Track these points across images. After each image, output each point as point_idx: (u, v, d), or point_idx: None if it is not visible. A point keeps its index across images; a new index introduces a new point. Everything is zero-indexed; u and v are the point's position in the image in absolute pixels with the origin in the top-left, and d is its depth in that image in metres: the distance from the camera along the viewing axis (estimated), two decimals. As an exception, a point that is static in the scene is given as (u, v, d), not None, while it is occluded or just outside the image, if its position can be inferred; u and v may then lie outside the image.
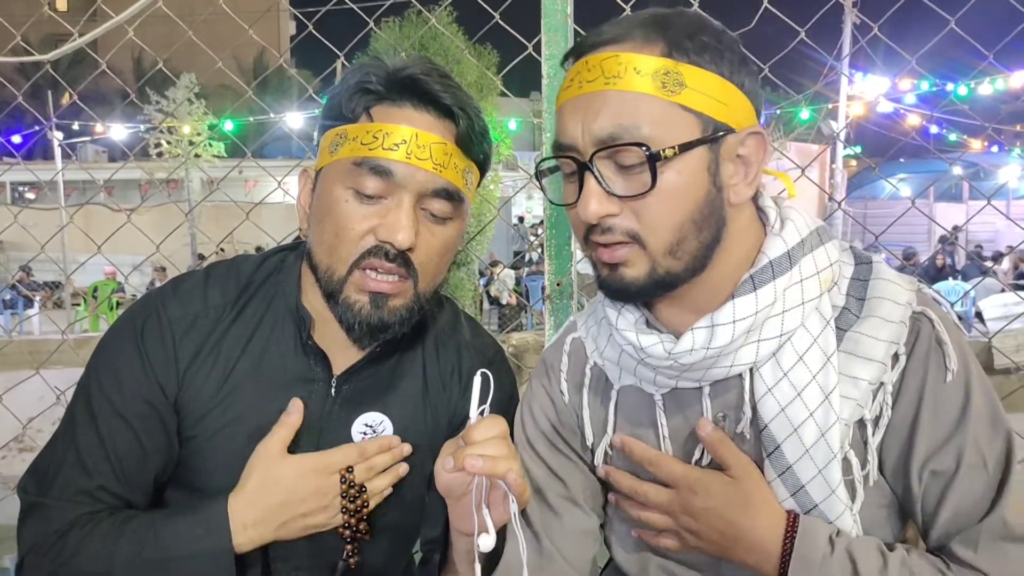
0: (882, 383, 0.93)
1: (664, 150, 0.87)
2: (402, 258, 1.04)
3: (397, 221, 1.02)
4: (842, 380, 0.93)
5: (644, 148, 0.87)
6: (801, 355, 0.94)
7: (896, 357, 0.93)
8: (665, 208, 0.90)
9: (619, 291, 0.96)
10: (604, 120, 0.89)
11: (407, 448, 1.13)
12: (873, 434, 0.94)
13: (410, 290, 1.07)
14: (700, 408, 1.00)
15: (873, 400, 0.94)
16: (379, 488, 1.11)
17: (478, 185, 1.15)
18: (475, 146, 1.08)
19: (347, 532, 1.08)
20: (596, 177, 0.90)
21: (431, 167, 1.03)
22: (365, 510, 1.09)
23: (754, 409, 0.96)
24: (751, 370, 0.96)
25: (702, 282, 0.95)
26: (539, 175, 1.05)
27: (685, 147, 0.88)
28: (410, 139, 1.02)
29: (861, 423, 0.94)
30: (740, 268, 0.95)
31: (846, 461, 0.93)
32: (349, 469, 1.07)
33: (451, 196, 1.06)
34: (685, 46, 0.89)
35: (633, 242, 0.91)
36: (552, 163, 0.99)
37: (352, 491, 1.07)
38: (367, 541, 1.11)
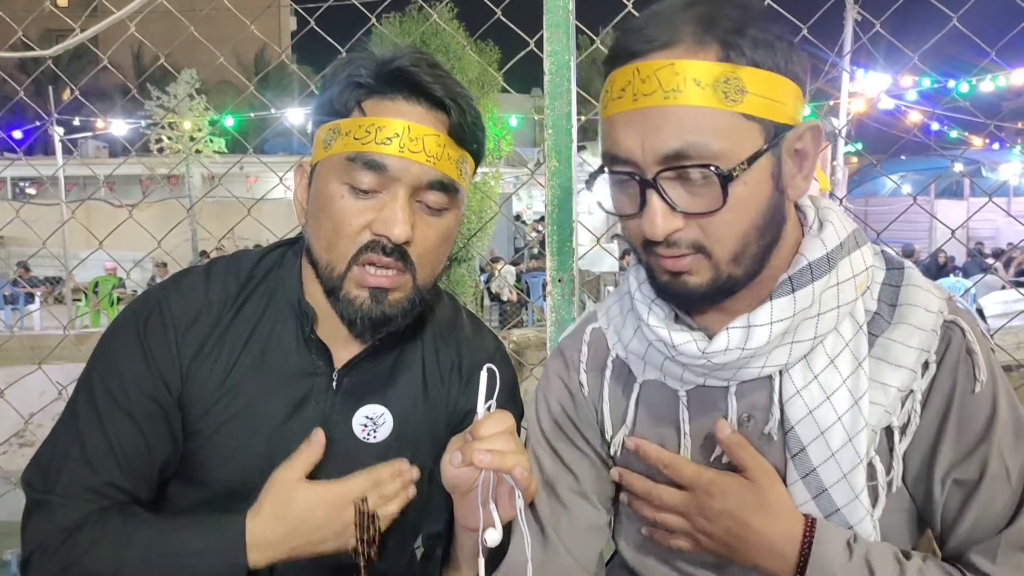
0: (911, 390, 0.92)
1: (734, 169, 0.85)
2: (399, 252, 1.04)
3: (393, 215, 1.02)
4: (871, 386, 0.92)
5: (714, 168, 0.84)
6: (833, 359, 0.93)
7: (926, 365, 0.93)
8: (732, 220, 0.88)
9: (680, 296, 0.94)
10: (668, 137, 0.85)
11: (416, 472, 1.12)
12: (900, 441, 0.93)
13: (409, 283, 1.07)
14: (725, 407, 0.99)
15: (901, 407, 0.93)
16: (389, 513, 1.09)
17: (473, 174, 1.15)
18: (468, 136, 1.08)
19: (361, 561, 1.07)
20: (661, 195, 0.88)
21: (425, 160, 1.03)
22: (378, 536, 1.08)
23: (780, 410, 0.95)
24: (780, 371, 0.95)
25: (751, 284, 0.94)
26: (589, 184, 1.02)
27: (752, 159, 0.86)
28: (403, 132, 1.02)
29: (888, 430, 0.94)
30: (779, 268, 0.94)
31: (870, 467, 0.93)
32: (364, 499, 1.06)
33: (446, 187, 1.06)
34: (739, 44, 0.85)
35: (697, 252, 0.90)
36: (601, 176, 0.96)
37: (366, 520, 1.06)
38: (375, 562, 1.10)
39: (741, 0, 0.89)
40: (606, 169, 0.94)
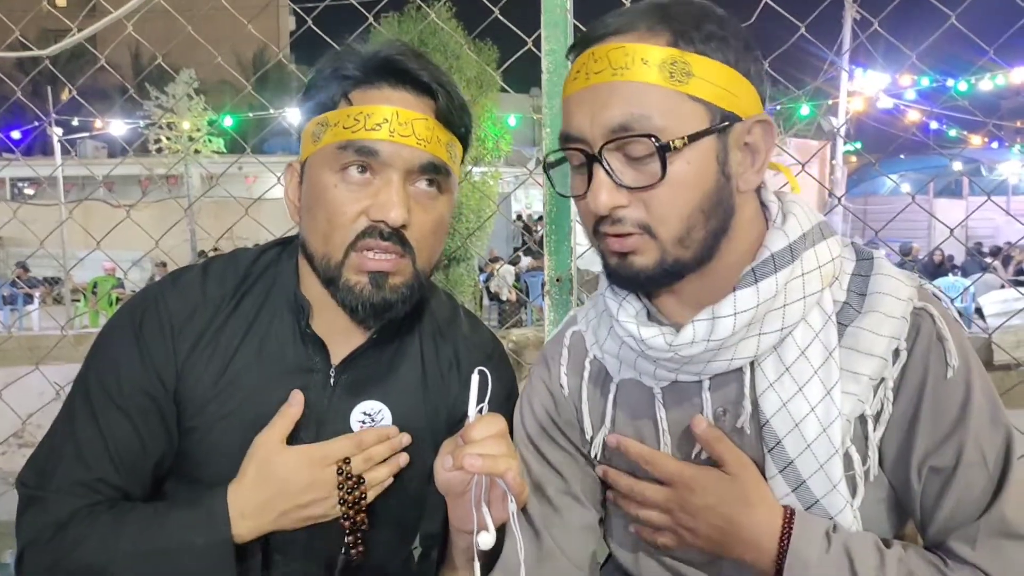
0: (883, 378, 0.93)
1: (673, 141, 0.87)
2: (397, 236, 1.04)
3: (388, 199, 1.03)
4: (843, 375, 0.93)
5: (654, 139, 0.87)
6: (803, 350, 0.94)
7: (897, 353, 0.93)
8: (675, 198, 0.89)
9: (628, 279, 0.95)
10: (613, 111, 0.89)
11: (406, 438, 1.13)
12: (874, 429, 0.94)
13: (409, 267, 1.07)
14: (700, 402, 1.00)
15: (874, 395, 0.94)
16: (378, 479, 1.10)
17: (462, 160, 1.15)
18: (456, 119, 1.09)
19: (346, 524, 1.08)
20: (605, 169, 0.90)
21: (415, 143, 1.04)
22: (364, 502, 1.09)
23: (755, 404, 0.96)
24: (752, 364, 0.96)
25: (707, 273, 0.95)
26: (546, 168, 1.04)
27: (694, 137, 0.88)
28: (391, 118, 1.03)
29: (862, 418, 0.94)
30: (743, 261, 0.95)
31: (847, 456, 0.93)
32: (346, 460, 1.07)
33: (438, 170, 1.07)
34: (691, 35, 0.89)
35: (643, 232, 0.91)
36: (559, 155, 0.99)
37: (349, 483, 1.07)
38: (368, 533, 1.11)
39: (701, 4, 0.93)
40: (563, 152, 0.97)
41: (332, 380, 1.13)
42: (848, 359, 0.93)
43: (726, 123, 0.90)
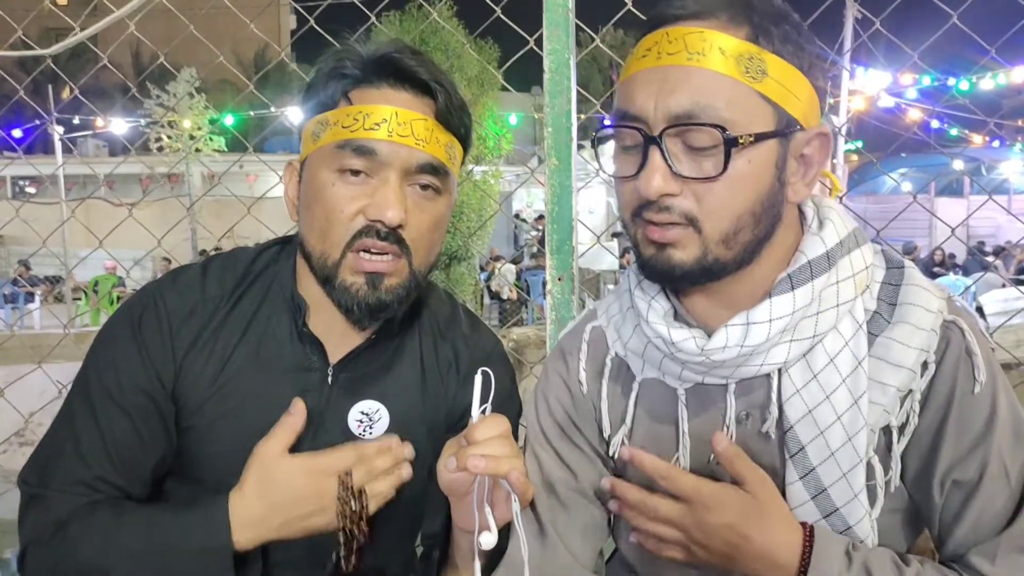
0: (910, 390, 0.92)
1: (741, 136, 0.86)
2: (394, 236, 1.04)
3: (385, 199, 1.03)
4: (871, 385, 0.92)
5: (722, 131, 0.86)
6: (832, 358, 0.93)
7: (925, 365, 0.92)
8: (729, 196, 0.88)
9: (663, 273, 0.93)
10: (681, 96, 0.86)
11: (409, 451, 1.10)
12: (898, 441, 0.93)
13: (405, 268, 1.07)
14: (724, 405, 0.98)
15: (900, 407, 0.93)
16: (380, 491, 1.07)
17: (463, 162, 1.15)
18: (455, 120, 1.09)
19: (342, 537, 1.05)
20: (663, 153, 0.88)
21: (414, 143, 1.04)
22: (365, 513, 1.06)
23: (780, 409, 0.95)
24: (779, 370, 0.95)
25: (741, 277, 0.94)
26: (595, 143, 1.02)
27: (760, 137, 0.87)
28: (391, 118, 1.03)
29: (887, 429, 0.93)
30: (778, 266, 0.94)
31: (869, 466, 0.93)
32: (348, 472, 1.04)
33: (436, 170, 1.07)
34: (771, 33, 0.87)
35: (688, 225, 0.90)
36: (610, 132, 0.96)
37: (349, 495, 1.04)
38: (366, 543, 1.10)
39: (781, 3, 0.91)
40: (613, 128, 0.95)
41: (330, 379, 1.13)
42: (876, 369, 0.92)
43: (791, 129, 0.89)
